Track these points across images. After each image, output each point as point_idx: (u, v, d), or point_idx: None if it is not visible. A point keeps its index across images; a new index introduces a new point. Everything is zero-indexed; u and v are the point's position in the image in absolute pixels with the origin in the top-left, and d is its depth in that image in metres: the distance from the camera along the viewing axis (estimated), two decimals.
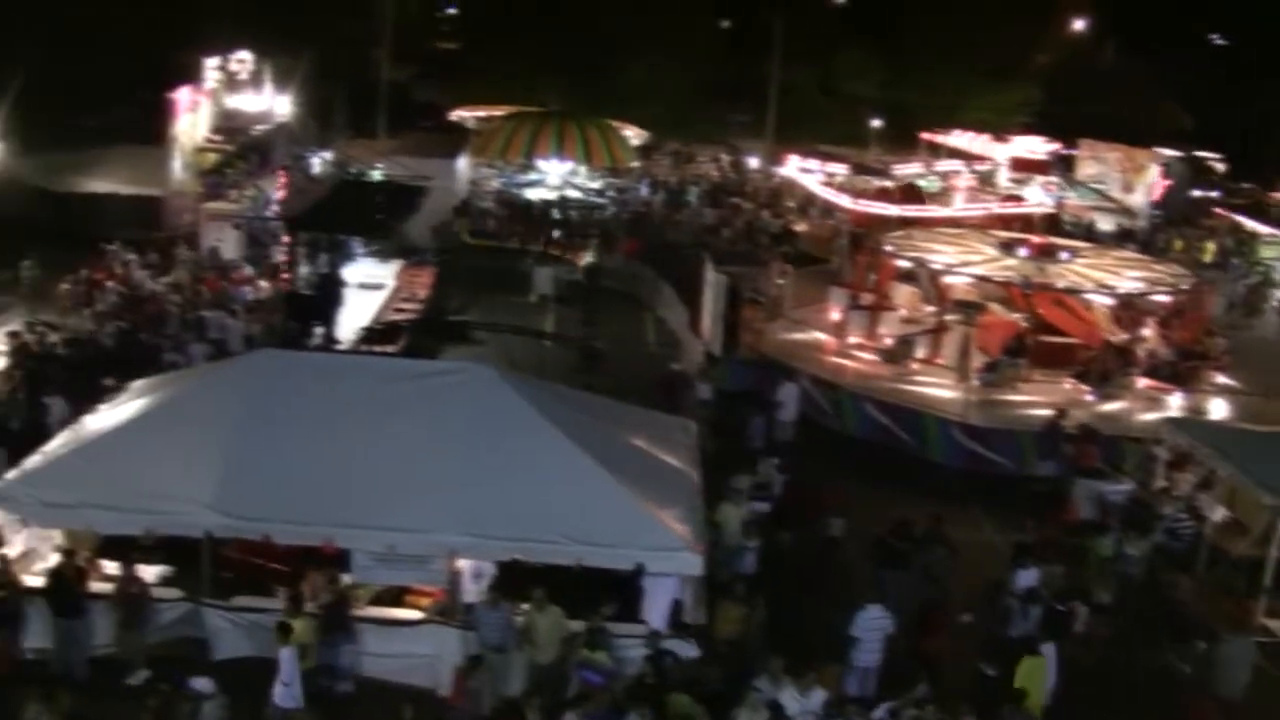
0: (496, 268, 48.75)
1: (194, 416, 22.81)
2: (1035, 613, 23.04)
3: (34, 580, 21.78)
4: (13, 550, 22.22)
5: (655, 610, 21.47)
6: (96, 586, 21.63)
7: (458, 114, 74.74)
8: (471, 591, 21.77)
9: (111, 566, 22.03)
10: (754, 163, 74.37)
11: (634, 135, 67.31)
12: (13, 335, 33.27)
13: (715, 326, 38.82)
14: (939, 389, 35.65)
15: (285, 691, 19.37)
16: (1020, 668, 20.75)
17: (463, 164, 58.69)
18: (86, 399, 27.52)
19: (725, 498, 24.96)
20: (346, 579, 21.76)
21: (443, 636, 21.34)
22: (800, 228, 59.30)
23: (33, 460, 22.98)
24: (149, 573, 21.94)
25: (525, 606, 20.90)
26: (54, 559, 22.09)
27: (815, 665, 19.85)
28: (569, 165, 61.07)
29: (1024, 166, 65.16)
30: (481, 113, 72.66)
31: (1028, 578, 23.75)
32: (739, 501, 25.18)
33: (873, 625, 21.74)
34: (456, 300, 43.40)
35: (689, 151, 78.67)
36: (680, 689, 19.13)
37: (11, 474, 22.57)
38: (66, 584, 21.21)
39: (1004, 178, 64.16)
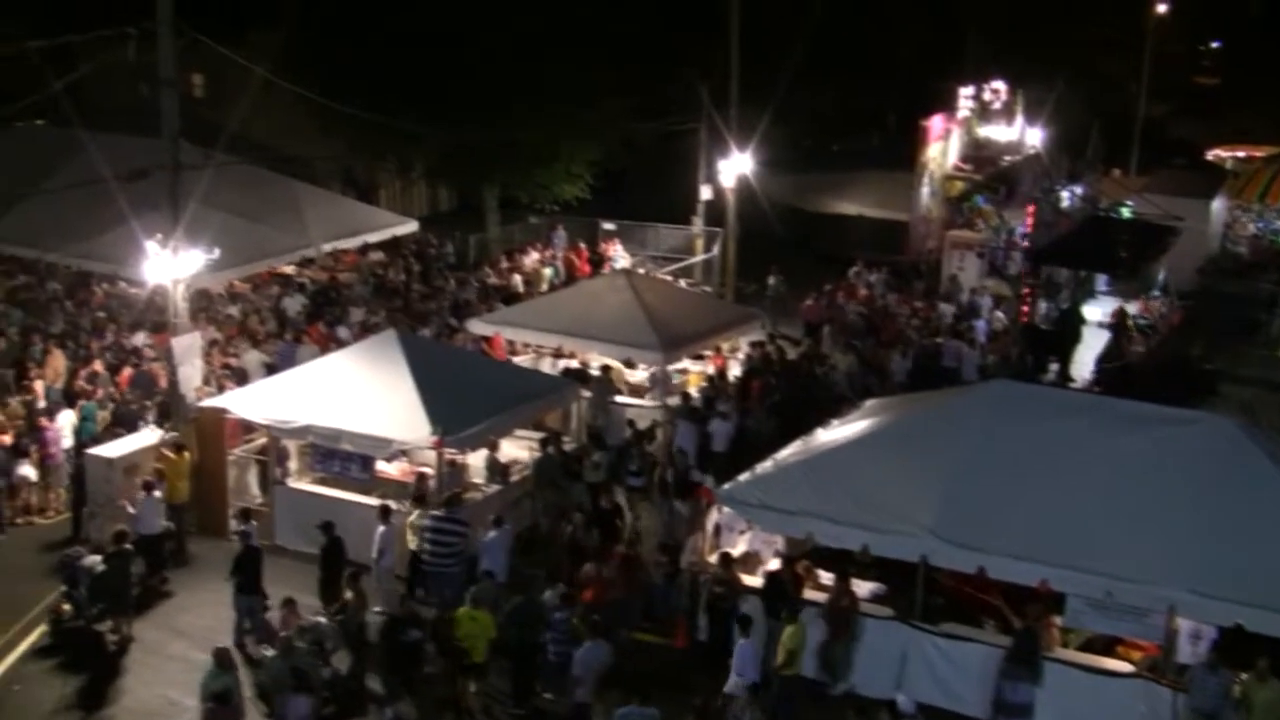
0: (1248, 315, 46.40)
1: (923, 440, 23.02)
2: None
3: (752, 580, 22.63)
4: (735, 550, 23.15)
5: None
6: (810, 594, 22.18)
7: (1215, 153, 71.99)
8: (1187, 652, 20.69)
9: (826, 577, 22.54)
10: None
11: None
12: (756, 345, 34.67)
13: None
14: None
15: (736, 681, 20.09)
16: None
17: (1218, 205, 56.26)
18: (811, 414, 28.32)
19: None
20: (1059, 622, 21.25)
21: (1153, 694, 20.40)
22: None
23: (764, 466, 23.88)
24: (862, 588, 22.30)
25: (1244, 676, 19.65)
26: (773, 563, 22.86)
27: None
28: None
29: None
30: (1241, 153, 69.63)
31: None
32: None
33: None
34: (1199, 346, 41.61)
35: None
36: None
37: (744, 476, 23.53)
38: (783, 588, 21.90)
39: None
